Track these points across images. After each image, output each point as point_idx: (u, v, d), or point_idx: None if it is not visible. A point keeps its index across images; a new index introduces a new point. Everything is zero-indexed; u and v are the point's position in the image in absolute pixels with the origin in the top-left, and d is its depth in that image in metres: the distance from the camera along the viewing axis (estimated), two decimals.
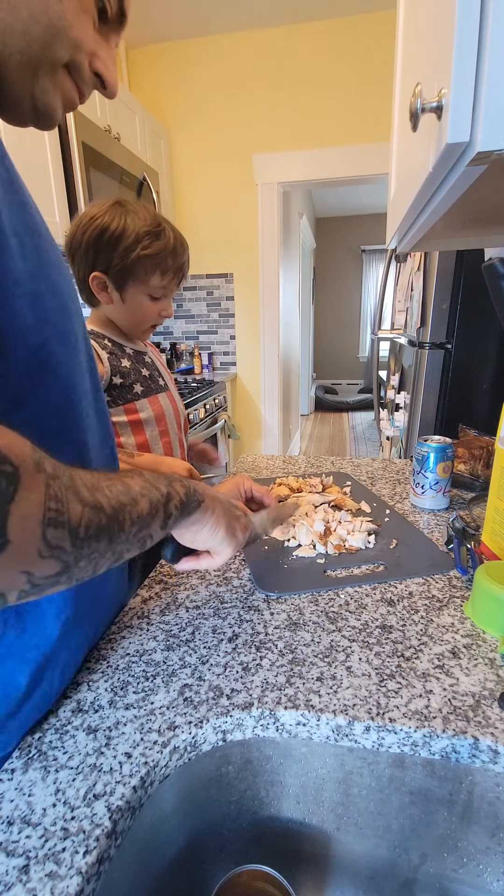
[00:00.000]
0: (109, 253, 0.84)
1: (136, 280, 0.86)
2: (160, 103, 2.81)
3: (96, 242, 0.84)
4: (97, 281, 0.87)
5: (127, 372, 0.94)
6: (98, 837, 0.33)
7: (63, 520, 0.28)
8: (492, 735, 0.40)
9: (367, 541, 0.73)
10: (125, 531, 0.34)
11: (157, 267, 0.85)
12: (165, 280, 0.88)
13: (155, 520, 0.38)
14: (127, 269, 0.85)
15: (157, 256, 0.84)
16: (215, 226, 2.96)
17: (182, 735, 0.41)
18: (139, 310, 0.90)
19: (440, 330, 1.36)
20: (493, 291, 0.67)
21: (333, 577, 0.65)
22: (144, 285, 0.87)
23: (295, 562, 0.70)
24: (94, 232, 0.84)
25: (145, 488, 0.38)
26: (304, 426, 5.48)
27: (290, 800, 0.48)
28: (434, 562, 0.68)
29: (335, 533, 0.74)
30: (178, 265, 0.88)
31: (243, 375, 3.23)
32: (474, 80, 0.37)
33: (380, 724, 0.42)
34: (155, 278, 0.87)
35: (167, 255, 0.85)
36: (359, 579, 0.64)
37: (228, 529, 0.50)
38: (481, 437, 1.02)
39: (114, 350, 0.93)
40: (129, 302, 0.89)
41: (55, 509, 0.28)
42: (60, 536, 0.28)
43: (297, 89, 2.67)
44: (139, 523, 0.36)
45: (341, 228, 6.38)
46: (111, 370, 0.91)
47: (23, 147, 1.55)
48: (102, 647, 0.53)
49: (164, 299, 0.91)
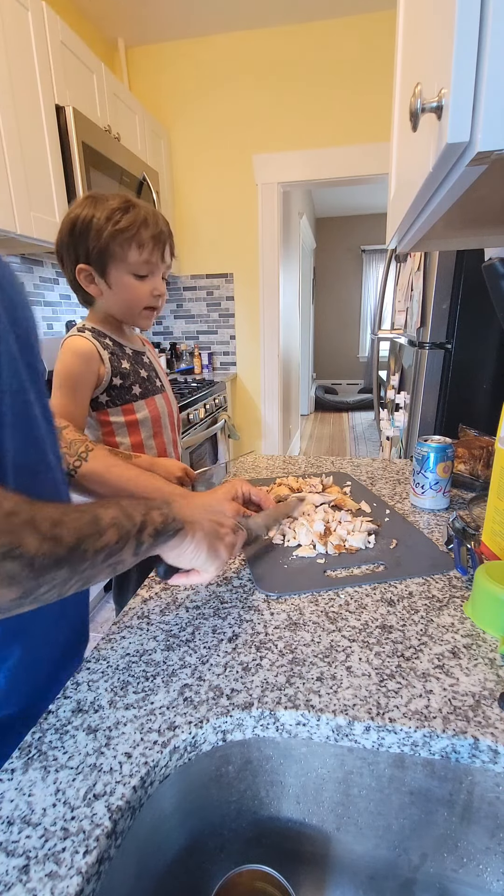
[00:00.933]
0: (84, 240, 0.84)
1: (114, 259, 0.85)
2: (160, 103, 2.81)
3: (70, 233, 0.85)
4: (83, 273, 0.86)
5: (126, 373, 0.93)
6: (98, 837, 0.33)
7: (17, 553, 0.31)
8: (492, 735, 0.40)
9: (367, 541, 0.73)
10: (88, 559, 0.37)
11: (132, 240, 0.83)
12: (145, 253, 0.85)
13: (126, 548, 0.41)
14: (103, 250, 0.84)
15: (128, 229, 0.82)
16: (215, 226, 2.96)
17: (182, 735, 0.41)
18: (127, 291, 0.88)
19: (440, 330, 1.36)
20: (493, 291, 0.67)
21: (334, 577, 0.65)
22: (124, 262, 0.85)
23: (295, 562, 0.69)
24: (67, 225, 0.85)
25: (116, 518, 0.40)
26: (304, 426, 5.48)
27: (290, 800, 0.48)
28: (434, 562, 0.68)
29: (335, 533, 0.74)
30: (154, 235, 0.85)
31: (243, 375, 3.23)
32: (474, 80, 0.37)
33: (380, 724, 0.42)
34: (133, 253, 0.84)
35: (139, 227, 0.83)
36: (359, 579, 0.64)
37: (211, 551, 0.52)
38: (481, 437, 1.02)
39: (115, 350, 0.93)
40: (115, 286, 0.87)
41: (8, 544, 0.31)
42: (16, 568, 0.32)
43: (296, 89, 2.67)
44: (105, 552, 0.39)
45: (341, 228, 6.38)
46: (111, 371, 0.91)
47: (23, 147, 1.55)
48: (102, 647, 0.53)
49: (153, 277, 0.89)
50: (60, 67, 1.74)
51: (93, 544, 0.37)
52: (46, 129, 1.67)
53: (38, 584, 0.33)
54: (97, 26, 2.55)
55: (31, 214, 1.60)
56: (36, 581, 0.33)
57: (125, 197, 0.86)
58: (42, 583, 0.34)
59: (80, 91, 1.91)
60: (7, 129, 1.47)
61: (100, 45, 2.62)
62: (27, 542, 0.32)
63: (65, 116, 1.74)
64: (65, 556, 0.35)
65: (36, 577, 0.33)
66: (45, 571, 0.33)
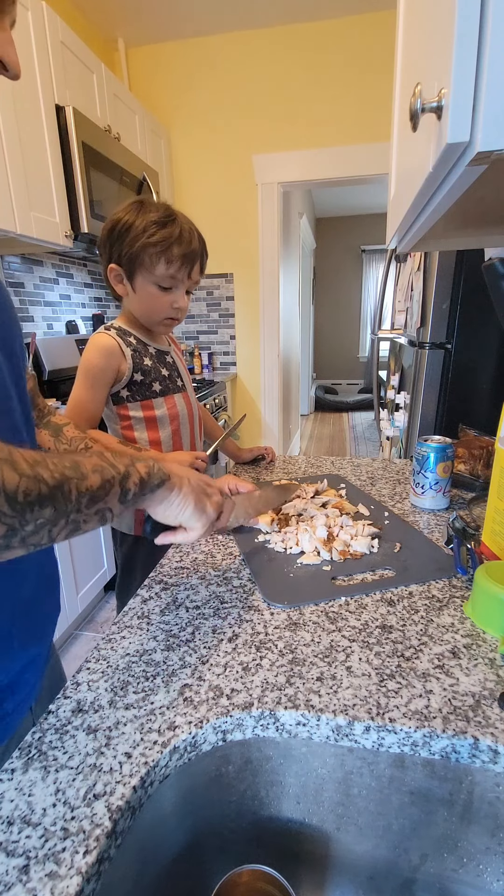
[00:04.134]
0: (120, 243, 0.88)
1: (142, 268, 0.89)
2: (160, 103, 2.81)
3: (109, 235, 0.89)
4: (113, 272, 0.91)
5: (148, 370, 0.97)
6: (98, 837, 0.33)
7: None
8: (492, 735, 0.40)
9: (371, 545, 0.71)
10: (72, 501, 0.37)
11: (162, 255, 0.87)
12: (172, 269, 0.88)
13: (111, 495, 0.41)
14: (133, 257, 0.88)
15: (161, 244, 0.86)
16: (215, 226, 2.96)
17: (182, 735, 0.41)
18: (149, 300, 0.92)
19: (440, 330, 1.36)
20: (493, 291, 0.67)
21: (345, 585, 0.63)
22: (151, 274, 0.89)
23: (300, 570, 0.67)
24: (109, 225, 0.89)
25: (98, 466, 0.41)
26: (304, 426, 5.48)
27: (290, 800, 0.48)
28: (440, 565, 0.67)
29: (338, 538, 0.72)
30: (184, 253, 0.88)
31: (243, 375, 3.23)
32: (474, 80, 0.37)
33: (380, 724, 0.42)
34: (160, 267, 0.88)
35: (172, 244, 0.86)
36: (370, 586, 0.62)
37: (197, 505, 0.53)
38: (481, 437, 1.02)
39: (137, 348, 0.97)
40: (139, 292, 0.91)
41: None
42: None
43: (296, 89, 2.67)
44: (89, 495, 0.39)
45: (341, 228, 6.38)
46: (133, 367, 0.95)
47: (23, 147, 1.55)
48: (102, 647, 0.53)
49: (176, 291, 0.92)
50: (60, 67, 1.74)
51: (76, 486, 0.38)
52: (46, 129, 1.67)
53: (23, 522, 0.34)
54: (97, 26, 2.55)
55: (31, 214, 1.60)
56: (20, 518, 0.33)
57: (169, 210, 0.89)
58: (27, 521, 0.34)
59: (80, 91, 1.91)
60: (7, 129, 1.47)
61: (100, 45, 2.62)
62: (6, 475, 0.32)
63: (65, 116, 1.74)
64: (48, 495, 0.35)
65: (19, 514, 0.33)
66: (28, 509, 0.34)
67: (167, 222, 0.86)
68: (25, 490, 0.33)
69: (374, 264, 6.38)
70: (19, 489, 0.33)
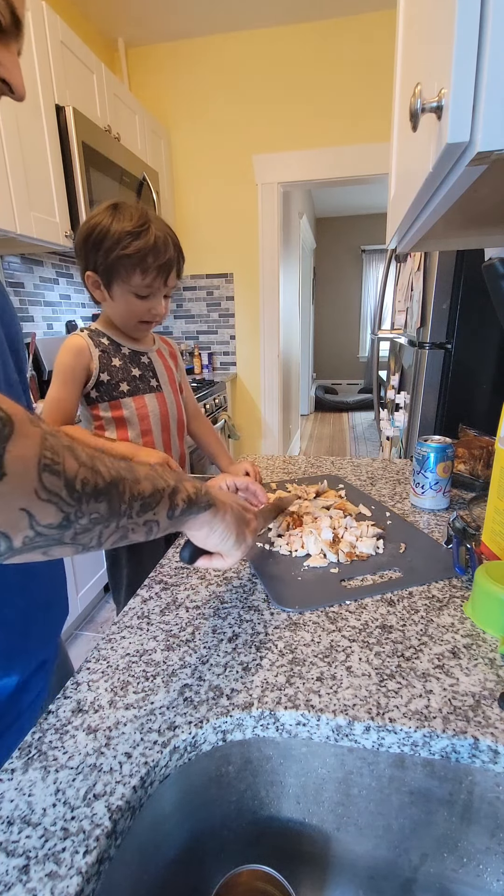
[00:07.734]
0: (95, 252, 0.87)
1: (119, 279, 0.89)
2: (160, 103, 2.81)
3: (85, 242, 0.88)
4: (90, 279, 0.91)
5: (115, 370, 0.97)
6: (98, 837, 0.33)
7: (58, 469, 0.30)
8: (492, 735, 0.40)
9: (376, 546, 0.71)
10: (125, 502, 0.36)
11: (137, 266, 0.86)
12: (148, 279, 0.88)
13: (160, 505, 0.40)
14: (110, 268, 0.87)
15: (135, 256, 0.85)
16: (215, 226, 2.96)
17: (182, 735, 0.41)
18: (127, 307, 0.92)
19: (440, 330, 1.36)
20: (493, 291, 0.67)
21: (355, 588, 0.62)
22: (128, 284, 0.89)
23: (308, 573, 0.67)
24: (84, 232, 0.89)
25: (150, 475, 0.40)
26: (304, 426, 5.48)
27: (289, 800, 0.48)
28: (446, 565, 0.67)
29: (343, 540, 0.72)
30: (160, 264, 0.88)
31: (243, 375, 3.23)
32: (474, 80, 0.37)
33: (380, 724, 0.42)
34: (136, 277, 0.88)
35: (147, 255, 0.86)
36: (379, 588, 0.62)
37: (239, 535, 0.51)
38: (481, 437, 1.02)
39: (107, 348, 0.97)
40: (117, 300, 0.92)
41: (50, 458, 0.30)
42: (56, 483, 0.30)
43: (297, 89, 2.67)
44: (141, 500, 0.37)
45: (341, 228, 6.38)
46: (99, 367, 0.96)
47: (23, 147, 1.55)
48: (102, 647, 0.53)
49: (153, 298, 0.92)
50: (60, 67, 1.74)
51: (129, 487, 0.36)
52: (46, 129, 1.67)
53: (79, 514, 0.32)
54: (97, 26, 2.55)
55: (31, 214, 1.60)
56: (77, 508, 0.32)
57: (143, 216, 0.88)
58: (83, 512, 0.32)
59: (80, 91, 1.91)
60: (7, 129, 1.47)
61: (100, 45, 2.62)
62: (68, 462, 0.31)
63: (65, 116, 1.74)
64: (104, 489, 0.34)
65: (77, 502, 0.32)
66: (85, 500, 0.32)
67: (141, 232, 0.85)
68: (84, 479, 0.32)
69: (374, 264, 6.38)
70: (78, 477, 0.32)
